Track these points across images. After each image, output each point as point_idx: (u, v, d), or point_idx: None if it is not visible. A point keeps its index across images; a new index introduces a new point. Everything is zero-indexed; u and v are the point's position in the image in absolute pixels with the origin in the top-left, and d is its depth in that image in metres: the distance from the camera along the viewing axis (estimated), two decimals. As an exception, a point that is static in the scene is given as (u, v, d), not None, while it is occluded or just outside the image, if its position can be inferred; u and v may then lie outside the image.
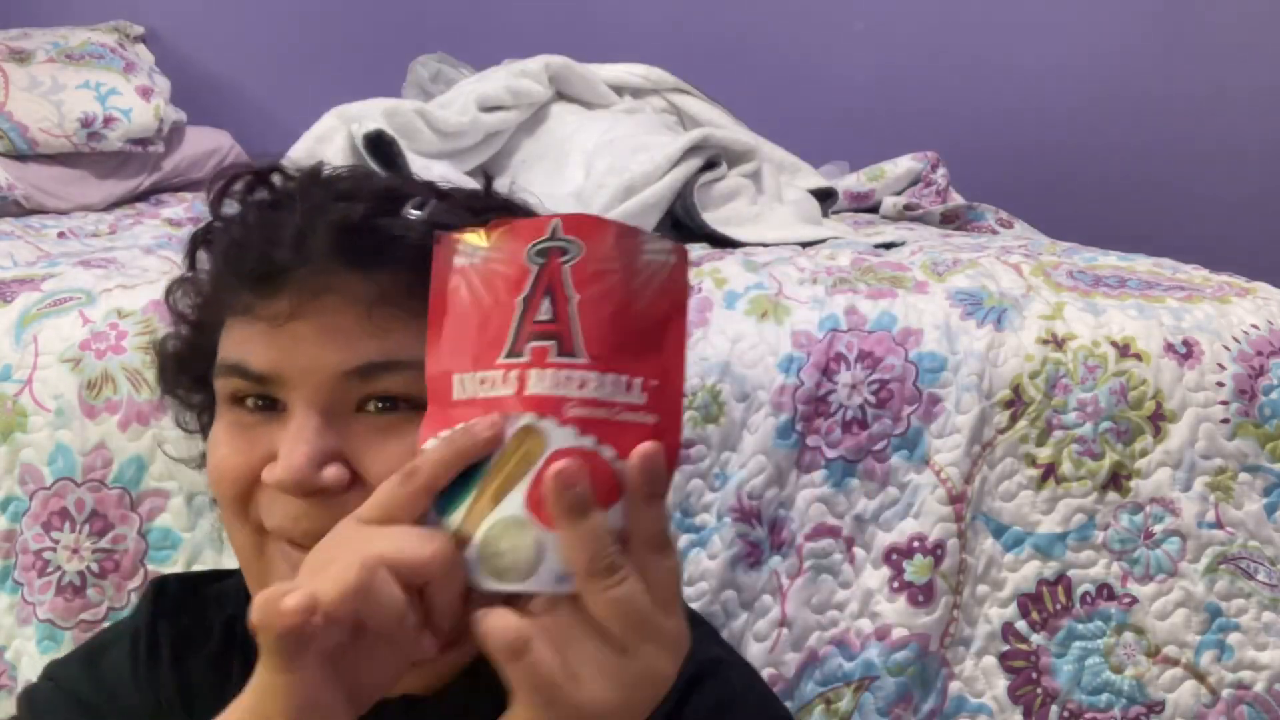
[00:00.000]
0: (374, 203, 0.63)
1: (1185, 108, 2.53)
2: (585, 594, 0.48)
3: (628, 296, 0.50)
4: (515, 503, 0.49)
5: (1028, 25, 2.55)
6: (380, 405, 0.62)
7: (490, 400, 0.49)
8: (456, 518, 0.49)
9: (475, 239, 0.51)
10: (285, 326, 0.61)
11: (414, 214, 0.64)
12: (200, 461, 0.74)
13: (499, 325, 0.50)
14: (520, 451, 0.49)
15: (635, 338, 0.50)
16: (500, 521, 0.49)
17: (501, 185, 0.73)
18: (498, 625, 0.48)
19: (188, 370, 0.70)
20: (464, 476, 0.49)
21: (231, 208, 0.69)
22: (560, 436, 0.49)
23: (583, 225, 0.50)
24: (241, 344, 0.62)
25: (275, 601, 0.47)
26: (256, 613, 0.48)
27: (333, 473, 0.60)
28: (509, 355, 0.50)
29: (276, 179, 0.67)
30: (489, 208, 0.67)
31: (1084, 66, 2.55)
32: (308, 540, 0.60)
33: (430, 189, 0.68)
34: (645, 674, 0.50)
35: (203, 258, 0.70)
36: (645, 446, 0.48)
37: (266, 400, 0.62)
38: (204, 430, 0.72)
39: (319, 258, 0.61)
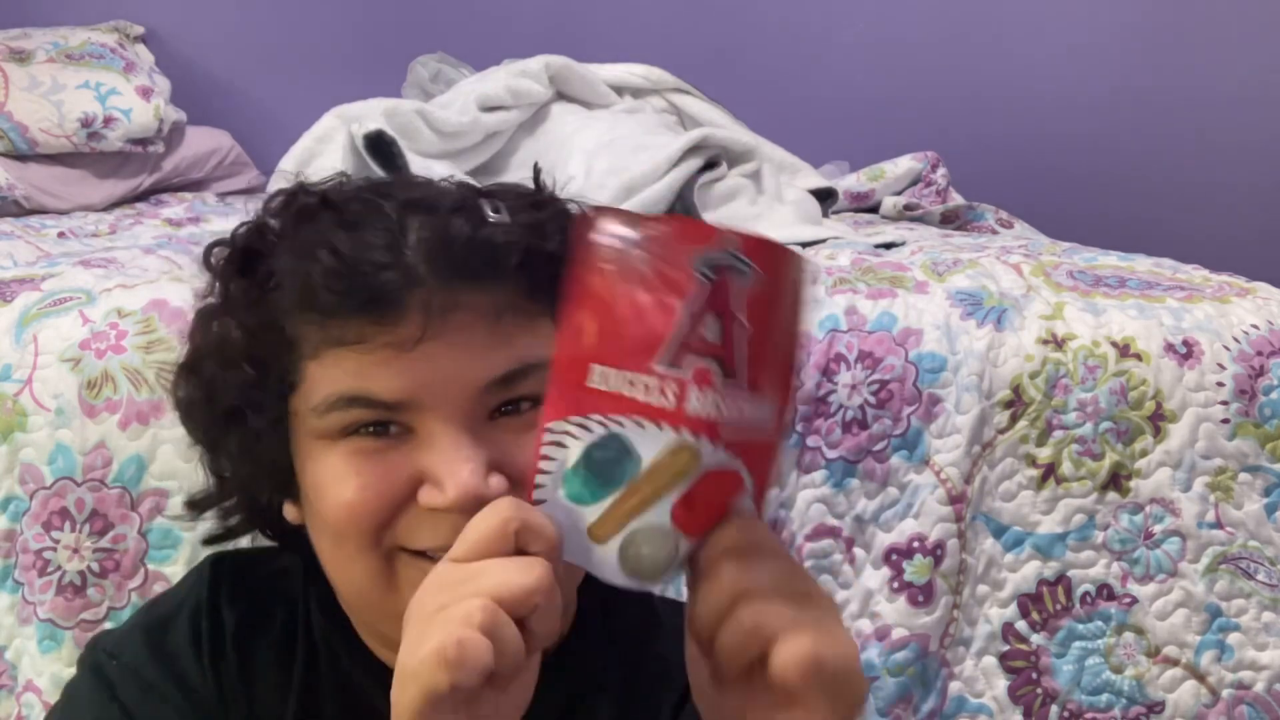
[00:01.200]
0: (464, 213, 0.62)
1: (1187, 107, 2.53)
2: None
3: (788, 325, 0.51)
4: (663, 513, 0.49)
5: (1028, 25, 2.55)
6: (507, 408, 0.62)
7: (642, 405, 0.49)
8: (592, 513, 0.50)
9: (622, 225, 0.49)
10: (415, 350, 0.59)
11: (497, 217, 0.63)
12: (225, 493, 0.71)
13: (656, 329, 0.48)
14: (674, 468, 0.49)
15: (784, 363, 0.51)
16: (646, 528, 0.50)
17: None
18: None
19: (224, 412, 0.65)
20: (590, 470, 0.50)
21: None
22: (713, 458, 0.49)
23: (764, 252, 0.49)
24: (359, 374, 0.60)
25: (443, 663, 0.47)
26: (412, 681, 0.48)
27: (497, 483, 0.60)
28: (668, 365, 0.49)
29: (311, 201, 0.64)
30: (546, 202, 0.67)
31: (1085, 66, 2.55)
32: None
33: (471, 189, 0.66)
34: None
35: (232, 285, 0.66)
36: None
37: (382, 425, 0.61)
38: (224, 480, 0.69)
39: (435, 276, 0.60)
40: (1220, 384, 1.13)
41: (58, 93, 2.07)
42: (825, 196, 1.86)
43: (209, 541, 0.74)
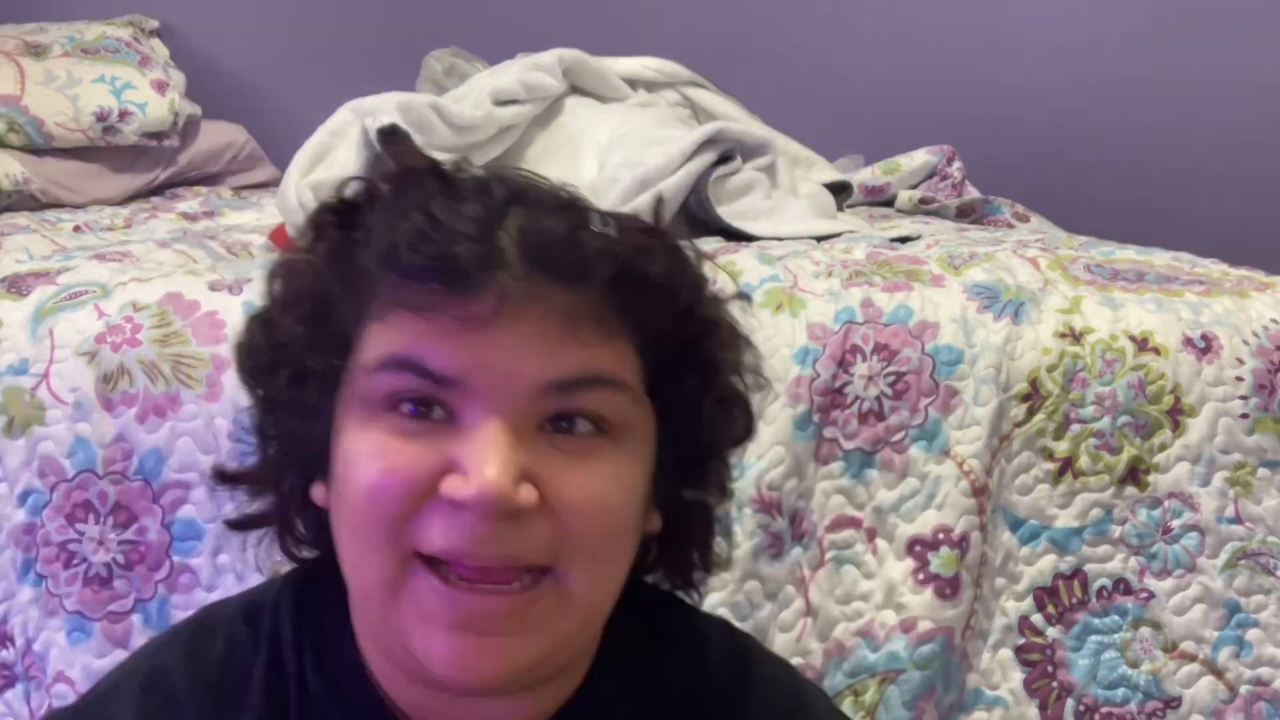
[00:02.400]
0: (569, 213, 0.60)
1: (1205, 100, 2.52)
2: None
3: None
4: None
5: (1044, 18, 2.54)
6: (558, 425, 0.58)
7: None
8: None
9: None
10: (481, 330, 0.56)
11: (599, 228, 0.60)
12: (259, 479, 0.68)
13: None
14: None
15: None
16: None
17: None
18: None
19: (288, 365, 0.63)
20: None
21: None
22: None
23: None
24: (417, 339, 0.57)
25: None
26: None
27: (526, 492, 0.56)
28: None
29: (447, 169, 0.62)
30: (659, 233, 0.65)
31: (1102, 59, 2.53)
32: (481, 564, 0.57)
33: (594, 208, 0.63)
34: None
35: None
36: None
37: (424, 405, 0.58)
38: (267, 439, 0.66)
39: (521, 263, 0.57)
40: (1239, 379, 1.12)
41: (73, 87, 2.08)
42: (840, 190, 1.86)
43: (232, 525, 0.70)
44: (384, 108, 1.55)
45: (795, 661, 1.08)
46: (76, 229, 1.74)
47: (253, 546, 0.71)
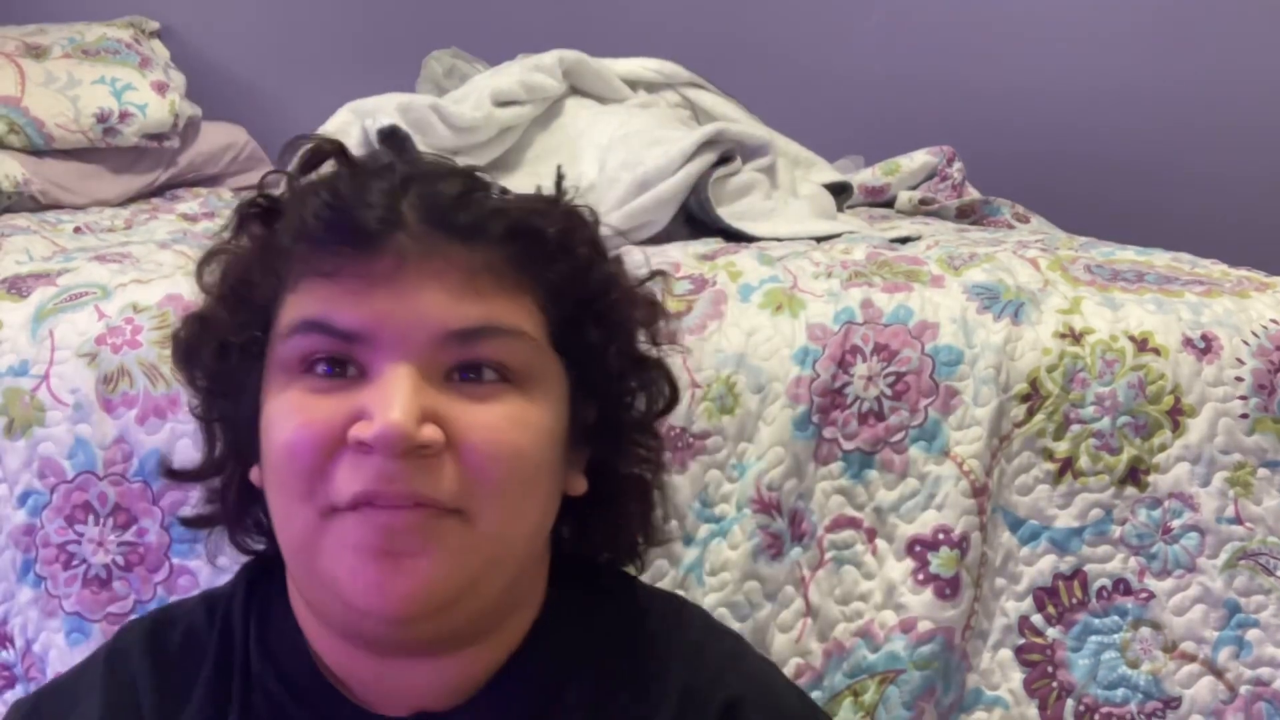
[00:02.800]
0: (468, 179, 0.65)
1: (1205, 101, 2.52)
2: None
3: None
4: None
5: (1044, 19, 2.54)
6: (465, 376, 0.62)
7: None
8: None
9: None
10: (383, 286, 0.61)
11: (500, 193, 0.65)
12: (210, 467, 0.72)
13: None
14: None
15: None
16: None
17: (514, 182, 0.74)
18: None
19: (213, 342, 0.68)
20: None
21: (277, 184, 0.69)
22: None
23: None
24: (325, 301, 0.62)
25: None
26: None
27: (430, 431, 0.60)
28: None
29: (353, 155, 0.68)
30: (560, 202, 0.69)
31: (1102, 60, 2.53)
32: (396, 501, 0.60)
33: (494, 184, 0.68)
34: None
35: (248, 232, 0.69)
36: None
37: (338, 365, 0.62)
38: (209, 421, 0.71)
39: (419, 224, 0.62)
40: (1239, 379, 1.12)
41: (73, 88, 2.08)
42: (840, 191, 1.86)
43: (186, 523, 0.76)
44: (384, 108, 1.55)
45: (795, 661, 1.08)
46: (77, 230, 1.74)
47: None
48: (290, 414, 0.62)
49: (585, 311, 0.68)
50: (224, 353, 0.67)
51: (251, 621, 0.71)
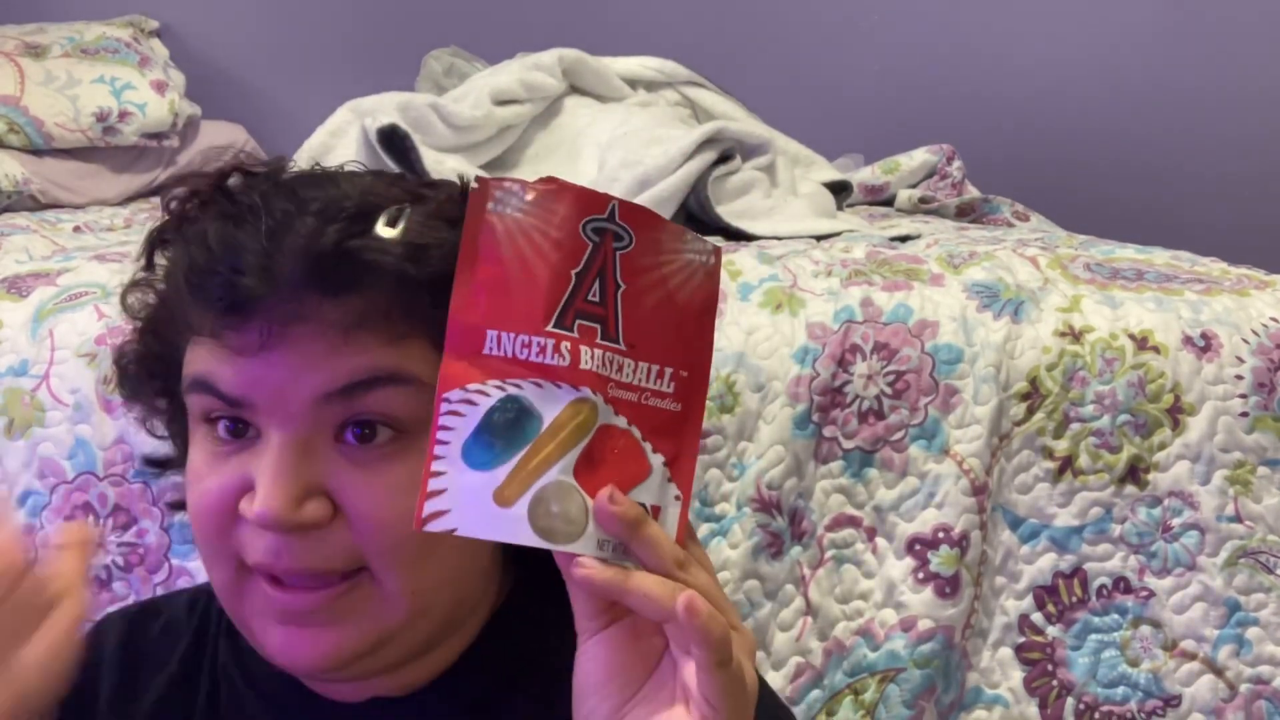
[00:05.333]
0: (345, 223, 0.59)
1: (1203, 99, 2.52)
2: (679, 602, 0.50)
3: (667, 292, 0.53)
4: (567, 469, 0.50)
5: (1044, 17, 2.54)
6: (359, 433, 0.60)
7: (538, 365, 0.50)
8: (496, 477, 0.50)
9: (512, 192, 0.51)
10: (257, 350, 0.58)
11: (387, 232, 0.60)
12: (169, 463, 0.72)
13: (549, 292, 0.50)
14: (575, 422, 0.51)
15: (669, 331, 0.53)
16: (554, 485, 0.50)
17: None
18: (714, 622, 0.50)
19: (152, 376, 0.67)
20: (491, 434, 0.50)
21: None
22: (604, 413, 0.51)
23: (637, 216, 0.52)
24: (209, 361, 0.60)
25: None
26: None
27: (313, 509, 0.58)
28: (558, 326, 0.51)
29: (236, 184, 0.63)
30: (455, 221, 0.64)
31: (1100, 57, 2.53)
32: (290, 578, 0.60)
33: (409, 194, 0.63)
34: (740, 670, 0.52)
35: (160, 260, 0.67)
36: (602, 500, 0.51)
37: (239, 423, 0.60)
38: (173, 437, 0.70)
39: (288, 286, 0.58)
40: (1239, 377, 1.12)
41: (73, 87, 2.08)
42: (840, 190, 1.86)
43: (150, 463, 0.76)
44: (384, 108, 1.55)
45: (795, 660, 1.08)
46: (76, 229, 1.74)
47: None
48: (195, 478, 0.61)
49: None
50: (165, 392, 0.67)
51: (224, 619, 0.71)
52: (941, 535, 1.09)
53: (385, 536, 0.60)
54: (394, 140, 1.50)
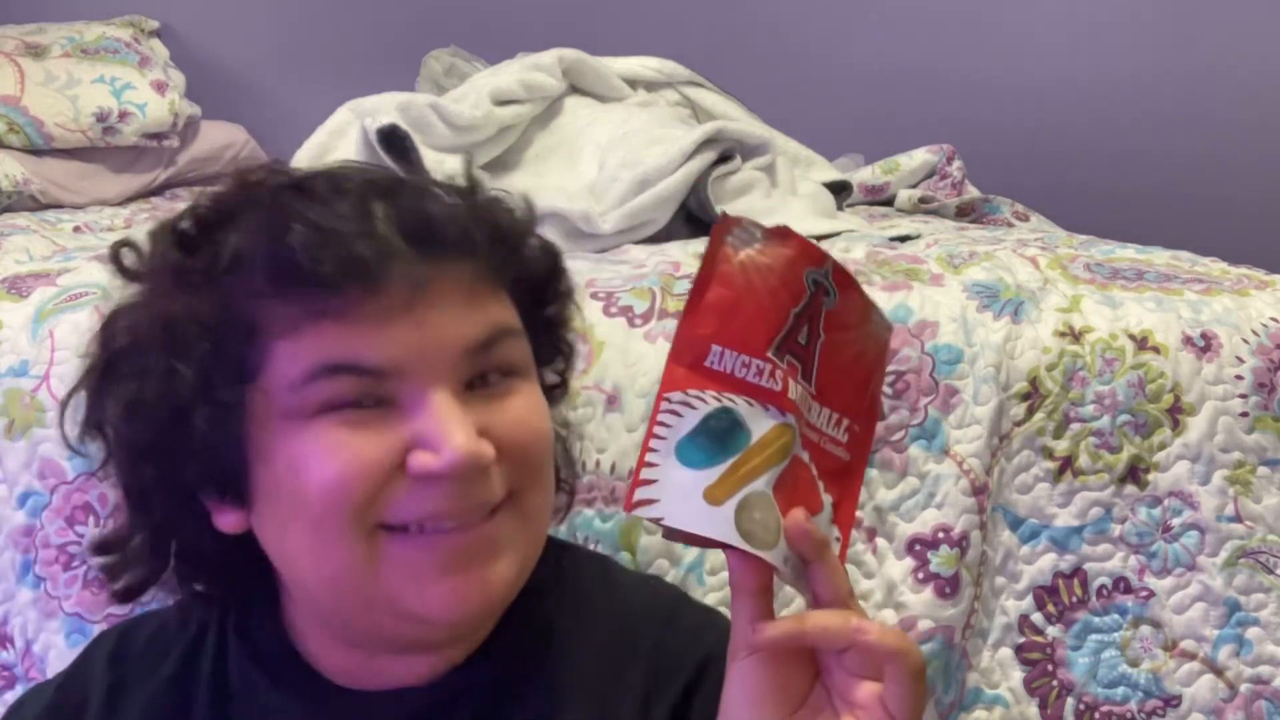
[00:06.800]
0: (429, 193, 0.65)
1: (1203, 99, 2.52)
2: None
3: (854, 352, 0.59)
4: (769, 484, 0.55)
5: (1043, 16, 2.54)
6: (481, 379, 0.64)
7: (753, 386, 0.56)
8: (706, 476, 0.54)
9: (753, 227, 0.57)
10: (401, 317, 0.61)
11: (451, 201, 0.66)
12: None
13: (772, 323, 0.56)
14: (779, 443, 0.55)
15: (850, 386, 0.60)
16: (758, 495, 0.55)
17: (514, 180, 0.75)
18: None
19: (169, 402, 0.62)
20: (707, 438, 0.55)
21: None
22: (797, 445, 0.56)
23: (844, 278, 0.59)
24: (342, 342, 0.60)
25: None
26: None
27: (487, 447, 0.62)
28: (775, 354, 0.56)
29: (298, 178, 0.65)
30: (471, 189, 0.70)
31: (1101, 56, 2.53)
32: (463, 518, 0.62)
33: (430, 180, 0.69)
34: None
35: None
36: (797, 519, 0.56)
37: (362, 402, 0.61)
38: (141, 485, 0.68)
39: (417, 249, 0.62)
40: (1239, 377, 1.12)
41: (73, 87, 2.08)
42: (840, 190, 1.86)
43: (123, 597, 0.71)
44: (384, 108, 1.55)
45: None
46: (76, 229, 1.74)
47: None
48: (330, 451, 0.60)
49: (542, 289, 0.72)
50: (181, 415, 0.62)
51: (228, 620, 0.72)
52: (941, 535, 1.09)
53: (531, 451, 0.65)
54: (394, 140, 1.50)
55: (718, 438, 0.54)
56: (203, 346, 0.62)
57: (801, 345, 0.57)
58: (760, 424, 0.55)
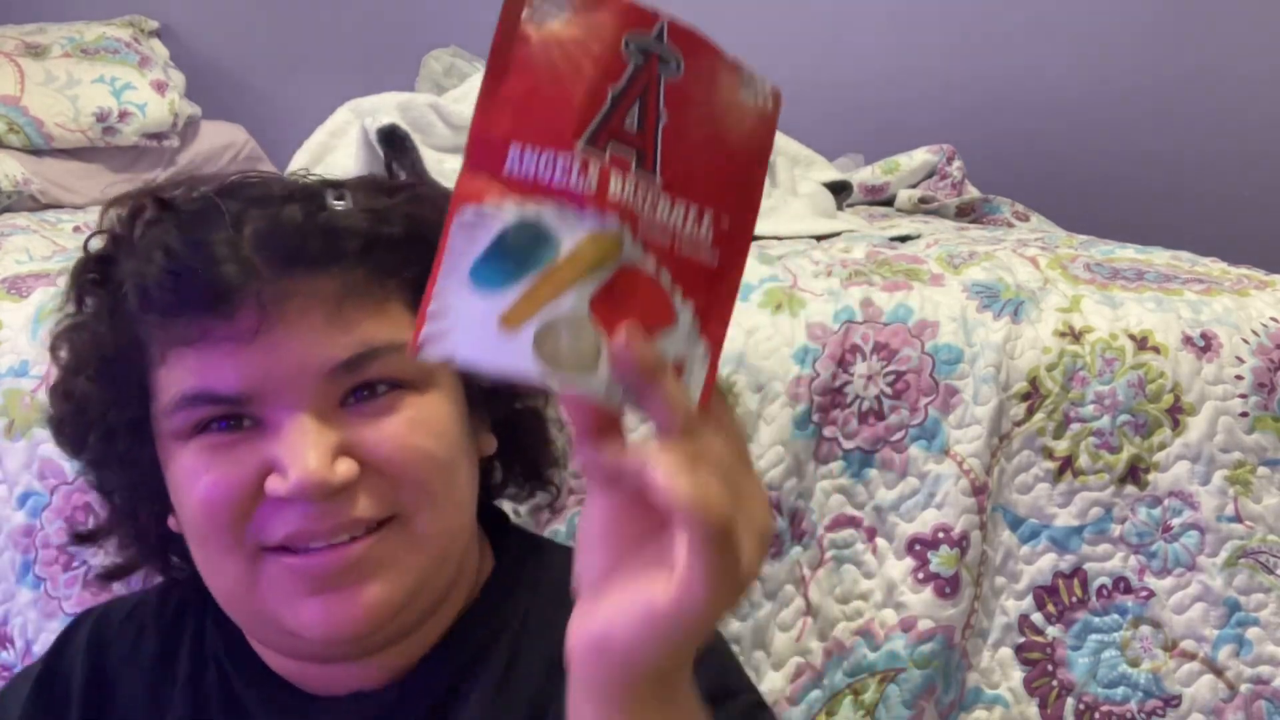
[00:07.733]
0: (301, 202, 0.62)
1: (1203, 98, 2.52)
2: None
3: (715, 132, 0.48)
4: (582, 301, 0.45)
5: (1043, 16, 2.54)
6: (362, 394, 0.62)
7: (561, 188, 0.45)
8: (503, 299, 0.45)
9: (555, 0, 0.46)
10: (253, 342, 0.59)
11: (339, 204, 0.63)
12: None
13: (582, 107, 0.45)
14: (596, 252, 0.45)
15: (713, 174, 0.49)
16: (566, 316, 0.45)
17: None
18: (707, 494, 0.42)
19: (95, 424, 0.66)
20: (504, 256, 0.45)
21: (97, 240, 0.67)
22: (631, 250, 0.46)
23: (690, 42, 0.48)
24: (198, 372, 0.60)
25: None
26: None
27: (345, 467, 0.60)
28: (590, 146, 0.45)
29: (176, 199, 0.64)
30: (399, 188, 0.68)
31: (1101, 57, 2.53)
32: (316, 543, 0.61)
33: (325, 182, 0.66)
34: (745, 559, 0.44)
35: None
36: (619, 339, 0.44)
37: (232, 419, 0.61)
38: (109, 493, 0.71)
39: (270, 265, 0.60)
40: (1239, 377, 1.12)
41: (73, 87, 2.08)
42: (840, 190, 1.86)
43: (106, 577, 0.76)
44: (384, 108, 1.55)
45: (795, 660, 1.08)
46: (76, 229, 1.74)
47: None
48: (197, 473, 0.62)
49: None
50: (109, 434, 0.66)
51: (209, 605, 0.72)
52: (941, 535, 1.09)
53: (412, 472, 0.62)
54: (394, 140, 1.50)
55: (516, 255, 0.45)
56: (112, 371, 0.65)
57: (633, 131, 0.46)
58: (573, 234, 0.45)
